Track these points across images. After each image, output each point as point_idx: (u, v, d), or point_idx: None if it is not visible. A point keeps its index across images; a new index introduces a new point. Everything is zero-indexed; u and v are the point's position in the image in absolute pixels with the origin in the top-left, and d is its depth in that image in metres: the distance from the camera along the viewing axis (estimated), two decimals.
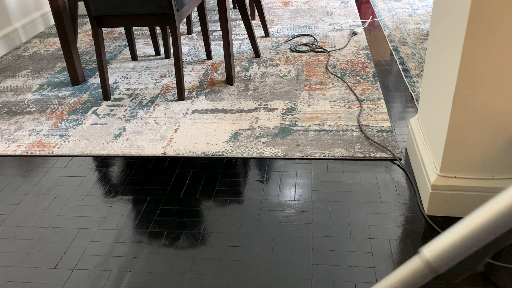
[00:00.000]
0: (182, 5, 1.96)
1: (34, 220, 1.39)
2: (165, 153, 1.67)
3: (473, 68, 1.09)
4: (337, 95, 2.01)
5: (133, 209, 1.42)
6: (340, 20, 2.94)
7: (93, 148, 1.73)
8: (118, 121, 1.91)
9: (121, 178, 1.56)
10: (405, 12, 3.05)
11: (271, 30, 2.83)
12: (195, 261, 1.21)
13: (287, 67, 2.31)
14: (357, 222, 1.30)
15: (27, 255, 1.26)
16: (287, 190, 1.45)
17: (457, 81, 1.11)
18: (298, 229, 1.29)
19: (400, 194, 1.40)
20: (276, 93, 2.06)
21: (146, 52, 2.62)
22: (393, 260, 1.17)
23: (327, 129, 1.75)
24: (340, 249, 1.21)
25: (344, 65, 2.29)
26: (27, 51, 2.76)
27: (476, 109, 1.14)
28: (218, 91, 2.11)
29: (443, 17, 1.25)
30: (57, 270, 1.21)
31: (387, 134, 1.70)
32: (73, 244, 1.29)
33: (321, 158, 1.59)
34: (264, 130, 1.78)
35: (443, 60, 1.24)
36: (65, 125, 1.91)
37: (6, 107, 2.09)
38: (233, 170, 1.57)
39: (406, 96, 1.99)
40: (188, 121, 1.87)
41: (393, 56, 2.39)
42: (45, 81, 2.33)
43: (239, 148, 1.67)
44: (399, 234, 1.25)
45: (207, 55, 2.46)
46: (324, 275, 1.14)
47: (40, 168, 1.64)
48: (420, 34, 2.65)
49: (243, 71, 2.30)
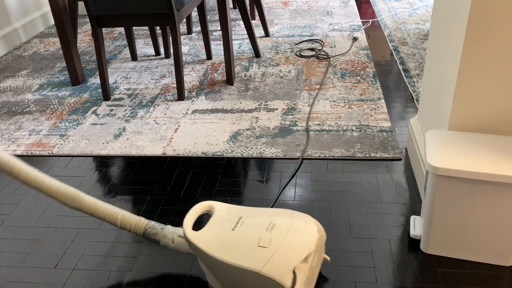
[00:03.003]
0: (182, 5, 1.96)
1: (34, 220, 1.39)
2: (165, 153, 1.67)
3: (473, 68, 1.09)
4: (337, 95, 2.01)
5: (133, 209, 1.41)
6: (340, 20, 2.94)
7: (93, 148, 1.73)
8: (118, 121, 1.91)
9: (121, 178, 1.56)
10: (405, 12, 3.05)
11: (271, 30, 2.83)
12: (195, 261, 1.21)
13: (287, 67, 2.31)
14: (357, 222, 1.30)
15: (27, 255, 1.26)
16: (287, 190, 1.45)
17: (457, 81, 1.11)
18: None
19: (400, 194, 1.40)
20: (276, 93, 2.06)
21: (146, 52, 2.62)
22: (393, 260, 1.17)
23: (327, 129, 1.75)
24: (340, 249, 1.21)
25: (344, 65, 2.29)
26: (27, 51, 2.76)
27: (476, 108, 1.14)
28: (218, 91, 2.11)
29: (443, 17, 1.25)
30: (57, 270, 1.21)
31: (387, 134, 1.70)
32: (73, 244, 1.29)
33: (321, 158, 1.59)
34: (264, 130, 1.78)
35: (443, 60, 1.24)
36: (65, 125, 1.91)
37: (6, 107, 2.09)
38: (233, 170, 1.57)
39: (406, 96, 1.98)
40: (188, 121, 1.87)
41: (393, 56, 2.39)
42: (45, 81, 2.33)
43: (239, 148, 1.67)
44: (399, 234, 1.25)
45: (207, 55, 2.46)
46: (324, 275, 1.14)
47: (40, 168, 1.64)
48: (420, 34, 2.65)
49: (243, 71, 2.30)
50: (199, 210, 1.10)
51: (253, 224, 1.04)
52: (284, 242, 0.99)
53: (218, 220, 1.07)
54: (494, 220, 1.08)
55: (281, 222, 1.04)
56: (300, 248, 0.99)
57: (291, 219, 1.05)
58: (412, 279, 1.11)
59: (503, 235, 1.10)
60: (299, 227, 1.03)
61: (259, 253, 0.97)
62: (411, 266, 1.15)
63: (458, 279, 1.11)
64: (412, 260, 1.17)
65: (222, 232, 1.03)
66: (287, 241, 0.99)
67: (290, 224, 1.03)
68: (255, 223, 1.04)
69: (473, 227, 1.11)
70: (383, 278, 1.12)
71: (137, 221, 1.13)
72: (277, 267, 0.95)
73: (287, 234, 1.01)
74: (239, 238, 1.01)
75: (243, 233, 1.02)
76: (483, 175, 1.01)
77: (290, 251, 0.97)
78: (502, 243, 1.11)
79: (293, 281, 0.95)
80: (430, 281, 1.11)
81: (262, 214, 1.08)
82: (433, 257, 1.17)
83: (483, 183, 1.04)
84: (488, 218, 1.08)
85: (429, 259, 1.17)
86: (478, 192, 1.05)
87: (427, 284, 1.10)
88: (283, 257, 0.96)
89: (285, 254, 0.97)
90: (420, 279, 1.11)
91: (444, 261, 1.16)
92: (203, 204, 1.12)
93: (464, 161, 1.04)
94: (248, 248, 0.98)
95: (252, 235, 1.01)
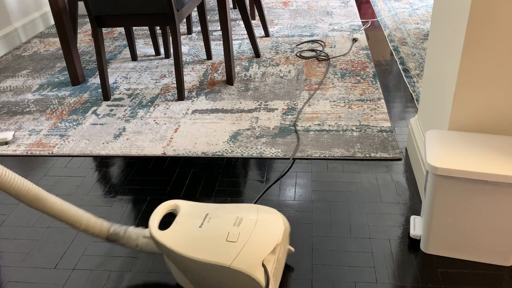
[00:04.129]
0: (182, 5, 1.96)
1: (34, 220, 1.39)
2: (165, 153, 1.67)
3: (473, 68, 1.09)
4: (337, 95, 2.01)
5: (133, 209, 1.41)
6: (340, 20, 2.94)
7: (93, 148, 1.73)
8: (118, 121, 1.91)
9: (121, 178, 1.56)
10: (405, 12, 3.05)
11: (271, 30, 2.83)
12: None
13: (287, 67, 2.31)
14: (357, 222, 1.30)
15: (27, 255, 1.26)
16: (287, 190, 1.45)
17: (457, 81, 1.11)
18: (298, 229, 1.29)
19: (400, 194, 1.40)
20: (276, 93, 2.06)
21: (146, 52, 2.62)
22: (393, 260, 1.17)
23: (327, 129, 1.75)
24: (340, 249, 1.21)
25: (344, 65, 2.28)
26: (27, 51, 2.76)
27: (476, 108, 1.14)
28: (218, 91, 2.11)
29: (443, 17, 1.25)
30: (57, 270, 1.21)
31: (387, 134, 1.70)
32: (73, 244, 1.29)
33: (321, 158, 1.59)
34: (264, 130, 1.78)
35: (443, 60, 1.24)
36: (65, 125, 1.91)
37: (6, 107, 2.09)
38: (233, 170, 1.57)
39: (406, 96, 1.98)
40: (188, 121, 1.87)
41: (393, 56, 2.39)
42: (45, 81, 2.33)
43: (239, 148, 1.67)
44: (399, 234, 1.25)
45: (207, 55, 2.46)
46: (324, 275, 1.14)
47: (40, 168, 1.64)
48: (420, 34, 2.65)
49: (243, 71, 2.30)
50: (164, 210, 1.10)
51: (221, 220, 1.04)
52: (252, 235, 1.00)
53: (185, 218, 1.07)
54: (494, 220, 1.08)
55: (248, 217, 1.05)
56: (267, 240, 1.00)
57: (257, 213, 1.06)
58: (412, 279, 1.11)
59: (503, 235, 1.10)
60: (265, 220, 1.04)
61: (228, 248, 0.98)
62: (411, 266, 1.15)
63: (458, 279, 1.11)
64: (412, 260, 1.17)
65: (189, 229, 1.03)
66: (254, 234, 1.00)
67: (256, 218, 1.05)
68: (223, 219, 1.04)
69: (473, 227, 1.11)
70: (383, 278, 1.12)
71: (100, 225, 1.07)
72: (247, 261, 0.96)
73: (255, 227, 1.02)
74: (207, 235, 1.01)
75: (210, 229, 1.02)
76: (483, 175, 1.01)
77: (258, 244, 0.98)
78: (502, 243, 1.11)
79: (265, 274, 0.96)
80: (430, 281, 1.11)
81: (229, 210, 1.08)
82: (433, 257, 1.17)
83: (483, 183, 1.04)
84: (488, 218, 1.08)
85: (429, 259, 1.17)
86: (478, 192, 1.05)
87: (427, 284, 1.10)
88: (252, 250, 0.97)
89: (254, 247, 0.98)
90: (420, 279, 1.11)
91: (444, 261, 1.16)
92: (168, 203, 1.11)
93: (464, 161, 1.04)
94: (216, 243, 0.99)
95: (220, 231, 1.01)
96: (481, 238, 1.12)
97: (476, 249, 1.14)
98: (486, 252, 1.13)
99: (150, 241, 1.09)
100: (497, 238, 1.10)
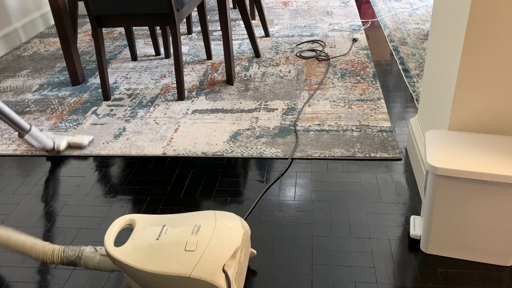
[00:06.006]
0: (182, 5, 1.96)
1: (34, 220, 1.39)
2: (165, 153, 1.68)
3: (473, 68, 1.09)
4: (337, 95, 2.01)
5: (133, 209, 1.42)
6: (340, 20, 2.94)
7: (93, 148, 1.73)
8: (118, 121, 1.91)
9: (121, 178, 1.56)
10: (405, 12, 3.05)
11: (271, 30, 2.83)
12: None
13: (287, 67, 2.31)
14: (357, 222, 1.30)
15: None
16: (287, 190, 1.45)
17: (457, 81, 1.11)
18: (298, 229, 1.29)
19: (400, 194, 1.40)
20: (276, 93, 2.06)
21: (146, 52, 2.62)
22: (393, 260, 1.17)
23: (327, 129, 1.75)
24: (340, 249, 1.21)
25: (344, 65, 2.29)
26: (27, 51, 2.76)
27: (476, 108, 1.14)
28: (218, 91, 2.11)
29: (443, 17, 1.25)
30: (57, 270, 1.21)
31: (387, 134, 1.70)
32: (73, 244, 1.29)
33: (321, 158, 1.59)
34: (264, 130, 1.78)
35: (443, 60, 1.24)
36: (65, 125, 1.91)
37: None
38: (233, 170, 1.57)
39: (406, 96, 1.99)
40: (188, 121, 1.88)
41: (393, 56, 2.39)
42: (45, 81, 2.33)
43: (239, 148, 1.67)
44: (399, 234, 1.25)
45: (207, 55, 2.46)
46: (324, 275, 1.14)
47: (40, 168, 1.64)
48: (420, 34, 2.65)
49: (243, 71, 2.30)
50: (120, 225, 1.07)
51: (178, 230, 1.03)
52: (211, 242, 0.99)
53: (141, 232, 1.04)
54: (494, 220, 1.08)
55: (205, 224, 1.03)
56: (227, 245, 0.99)
57: (215, 219, 1.05)
58: (412, 279, 1.11)
59: (503, 235, 1.10)
60: (224, 226, 1.03)
61: (187, 258, 0.96)
62: (411, 266, 1.15)
63: (458, 279, 1.11)
64: (412, 260, 1.17)
65: (146, 243, 1.01)
66: (213, 241, 0.99)
67: (214, 224, 1.03)
68: (180, 229, 1.03)
69: (473, 227, 1.11)
70: (383, 278, 1.12)
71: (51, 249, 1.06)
72: (207, 268, 0.95)
73: (213, 234, 1.01)
74: (165, 246, 0.99)
75: (168, 240, 1.00)
76: (483, 175, 1.01)
77: (217, 250, 0.98)
78: (502, 243, 1.11)
79: (226, 279, 0.96)
80: (430, 281, 1.11)
81: (186, 219, 1.07)
82: (433, 257, 1.18)
83: (482, 183, 1.04)
84: (488, 218, 1.08)
85: (429, 259, 1.17)
86: (478, 192, 1.05)
87: (427, 284, 1.10)
88: (211, 257, 0.96)
89: (213, 254, 0.97)
90: (420, 279, 1.11)
91: (444, 261, 1.16)
92: (123, 218, 1.08)
93: (464, 161, 1.04)
94: (175, 254, 0.97)
95: (178, 241, 1.00)
96: (481, 238, 1.12)
97: (476, 249, 1.14)
98: (486, 252, 1.13)
99: (107, 258, 1.06)
100: (497, 238, 1.10)
